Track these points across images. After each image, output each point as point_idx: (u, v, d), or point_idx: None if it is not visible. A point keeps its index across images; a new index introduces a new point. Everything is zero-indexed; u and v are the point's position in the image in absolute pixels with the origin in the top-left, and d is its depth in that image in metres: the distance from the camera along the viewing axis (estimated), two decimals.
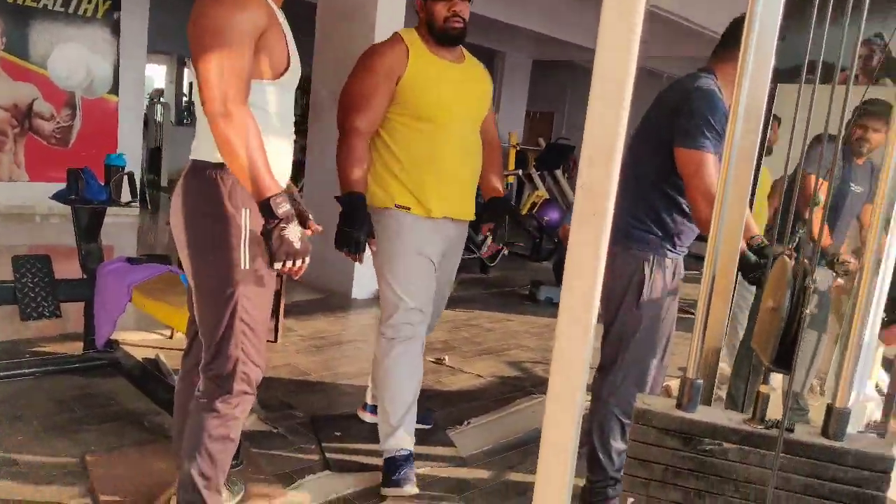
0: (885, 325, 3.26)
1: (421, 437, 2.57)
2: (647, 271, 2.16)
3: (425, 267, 2.40)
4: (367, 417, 2.89)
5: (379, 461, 2.44)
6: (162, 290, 2.88)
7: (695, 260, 1.99)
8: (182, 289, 2.80)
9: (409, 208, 2.36)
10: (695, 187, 1.99)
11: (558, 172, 7.44)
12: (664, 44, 7.72)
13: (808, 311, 0.90)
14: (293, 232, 1.63)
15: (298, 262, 1.66)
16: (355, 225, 2.27)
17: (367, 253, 2.38)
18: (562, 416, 1.01)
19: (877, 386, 3.52)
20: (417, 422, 2.56)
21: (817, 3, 1.12)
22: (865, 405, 3.33)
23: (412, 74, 2.30)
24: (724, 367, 3.23)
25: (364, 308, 4.90)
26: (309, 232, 1.88)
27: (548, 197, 7.19)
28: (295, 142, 1.94)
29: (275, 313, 3.86)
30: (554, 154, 7.63)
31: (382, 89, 2.30)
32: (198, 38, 1.60)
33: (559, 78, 12.12)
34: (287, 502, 2.28)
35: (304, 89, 10.49)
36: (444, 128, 2.34)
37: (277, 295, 3.84)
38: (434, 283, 2.46)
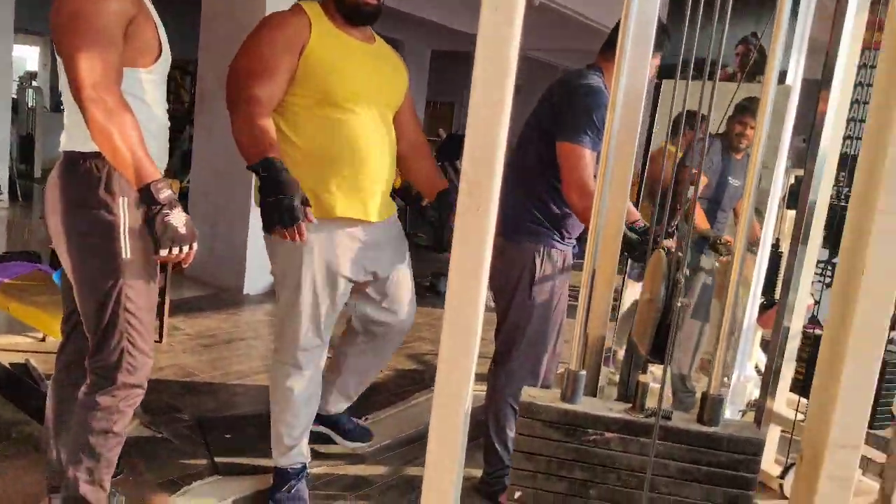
0: (763, 309, 3.47)
1: (316, 434, 2.51)
2: (537, 263, 2.19)
3: (334, 288, 2.08)
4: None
5: (272, 463, 2.36)
6: (31, 291, 2.68)
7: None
8: (54, 289, 2.61)
9: (323, 217, 1.97)
10: (570, 180, 2.05)
11: (459, 163, 7.48)
12: (559, 38, 7.89)
13: (680, 302, 0.92)
14: (177, 217, 1.59)
15: (185, 248, 1.61)
16: (284, 190, 1.76)
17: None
18: (449, 408, 1.00)
19: (756, 366, 3.72)
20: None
21: (690, 2, 1.15)
22: (746, 385, 3.53)
23: (316, 49, 1.95)
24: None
25: (257, 304, 4.75)
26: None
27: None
28: (181, 131, 1.88)
29: (159, 312, 3.67)
30: (455, 145, 7.66)
31: (284, 60, 1.93)
32: (63, 24, 1.54)
33: (458, 68, 12.15)
34: None
35: (191, 73, 10.08)
36: (355, 115, 1.99)
37: (162, 292, 3.65)
38: (340, 306, 2.16)
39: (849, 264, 0.96)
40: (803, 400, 2.76)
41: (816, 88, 1.86)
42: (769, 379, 2.64)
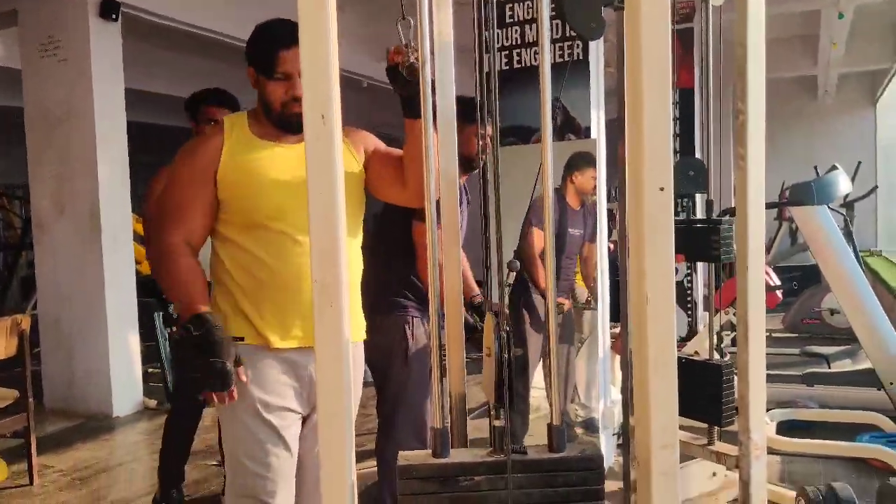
0: (615, 337, 3.82)
1: None
2: (408, 332, 2.36)
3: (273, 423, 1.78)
4: None
5: None
6: None
7: None
8: None
9: (242, 339, 1.75)
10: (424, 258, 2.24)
11: None
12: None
13: (510, 355, 1.11)
14: None
15: None
16: (216, 353, 1.62)
17: None
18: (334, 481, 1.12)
19: (621, 390, 4.04)
20: None
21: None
22: (613, 409, 3.83)
23: (228, 170, 1.76)
24: None
25: (129, 424, 4.57)
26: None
27: None
28: (22, 256, 1.88)
29: (25, 453, 3.48)
30: None
31: (198, 195, 1.75)
32: None
33: None
34: None
35: (19, 198, 9.58)
36: (285, 233, 1.76)
37: (26, 432, 3.48)
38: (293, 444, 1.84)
39: (635, 278, 1.18)
40: None
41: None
42: (627, 400, 2.92)
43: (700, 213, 3.39)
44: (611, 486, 3.14)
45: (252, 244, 1.77)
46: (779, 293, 4.11)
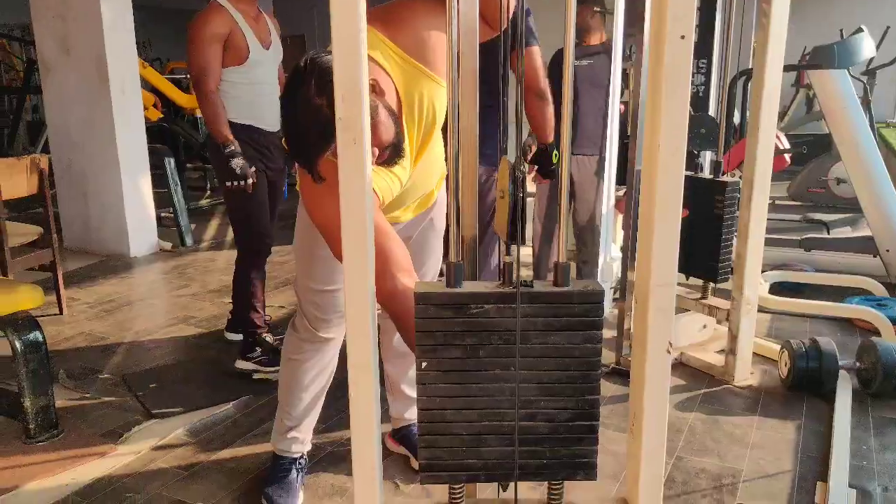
0: (619, 198, 3.89)
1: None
2: None
3: None
4: (392, 447, 2.39)
5: (201, 400, 2.54)
6: None
7: None
8: None
9: None
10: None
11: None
12: None
13: (523, 195, 1.18)
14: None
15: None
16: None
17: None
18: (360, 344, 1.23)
19: (621, 247, 4.16)
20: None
21: None
22: (612, 265, 3.97)
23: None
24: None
25: (147, 265, 4.76)
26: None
27: None
28: (26, 100, 1.92)
29: (54, 286, 3.67)
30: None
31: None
32: None
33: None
34: (121, 454, 2.33)
35: (18, 39, 9.31)
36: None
37: (53, 266, 3.65)
38: None
39: (650, 125, 1.23)
40: None
41: None
42: (626, 256, 3.04)
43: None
44: (605, 334, 3.35)
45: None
46: (787, 157, 4.13)
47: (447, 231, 1.32)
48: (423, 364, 1.29)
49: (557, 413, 1.32)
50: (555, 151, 2.66)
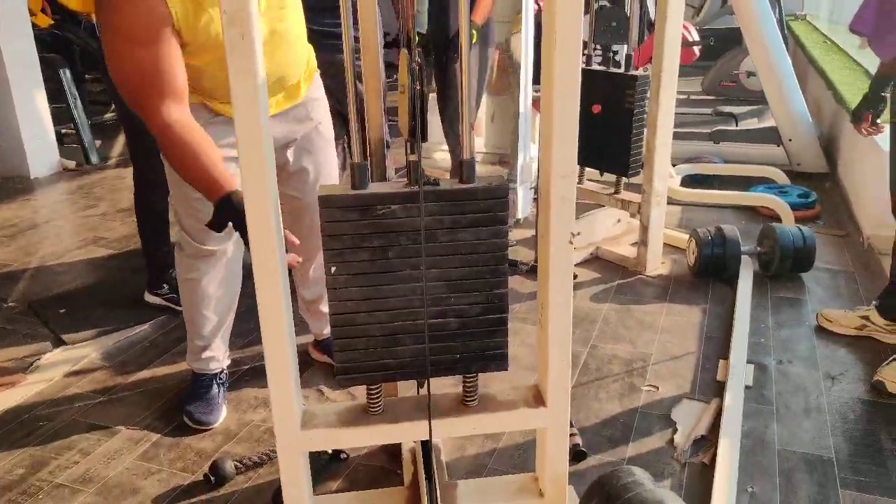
0: (536, 98, 3.87)
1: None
2: None
3: None
4: (317, 356, 2.40)
5: (115, 323, 2.48)
6: None
7: None
8: None
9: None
10: None
11: None
12: None
13: (422, 88, 1.14)
14: None
15: None
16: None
17: None
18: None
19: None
20: None
21: None
22: (532, 165, 4.00)
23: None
24: None
25: (49, 185, 4.52)
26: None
27: None
28: None
29: None
30: None
31: (170, 51, 1.58)
32: None
33: None
34: (31, 383, 2.27)
35: None
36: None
37: None
38: None
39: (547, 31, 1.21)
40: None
41: None
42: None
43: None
44: (525, 234, 3.41)
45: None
46: (696, 50, 4.18)
47: (348, 130, 1.28)
48: (333, 269, 1.28)
49: (467, 308, 1.34)
50: (473, 31, 2.45)
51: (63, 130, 5.10)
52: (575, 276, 2.89)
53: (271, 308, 1.24)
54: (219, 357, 2.12)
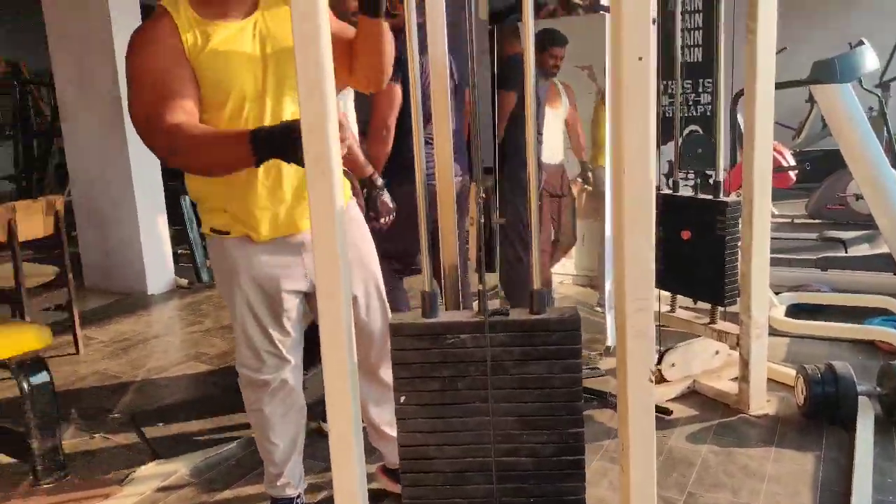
0: None
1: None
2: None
3: (275, 305, 1.88)
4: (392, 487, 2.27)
5: (208, 437, 2.55)
6: None
7: None
8: None
9: (228, 233, 1.82)
10: None
11: None
12: None
13: (494, 222, 1.17)
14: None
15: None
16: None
17: None
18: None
19: None
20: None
21: None
22: None
23: (192, 51, 1.67)
24: None
25: (163, 302, 4.81)
26: None
27: None
28: (52, 143, 1.92)
29: (70, 325, 3.73)
30: None
31: (177, 70, 1.64)
32: None
33: None
34: (125, 496, 2.33)
35: (46, 84, 9.58)
36: (244, 118, 1.71)
37: (69, 305, 3.70)
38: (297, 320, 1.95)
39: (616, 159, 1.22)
40: (664, 293, 3.14)
41: None
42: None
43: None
44: (613, 363, 3.29)
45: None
46: (792, 174, 4.05)
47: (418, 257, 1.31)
48: (402, 398, 1.28)
49: (540, 447, 1.28)
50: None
51: (179, 251, 5.48)
52: (670, 412, 2.78)
53: (343, 442, 1.24)
54: (294, 482, 2.11)
